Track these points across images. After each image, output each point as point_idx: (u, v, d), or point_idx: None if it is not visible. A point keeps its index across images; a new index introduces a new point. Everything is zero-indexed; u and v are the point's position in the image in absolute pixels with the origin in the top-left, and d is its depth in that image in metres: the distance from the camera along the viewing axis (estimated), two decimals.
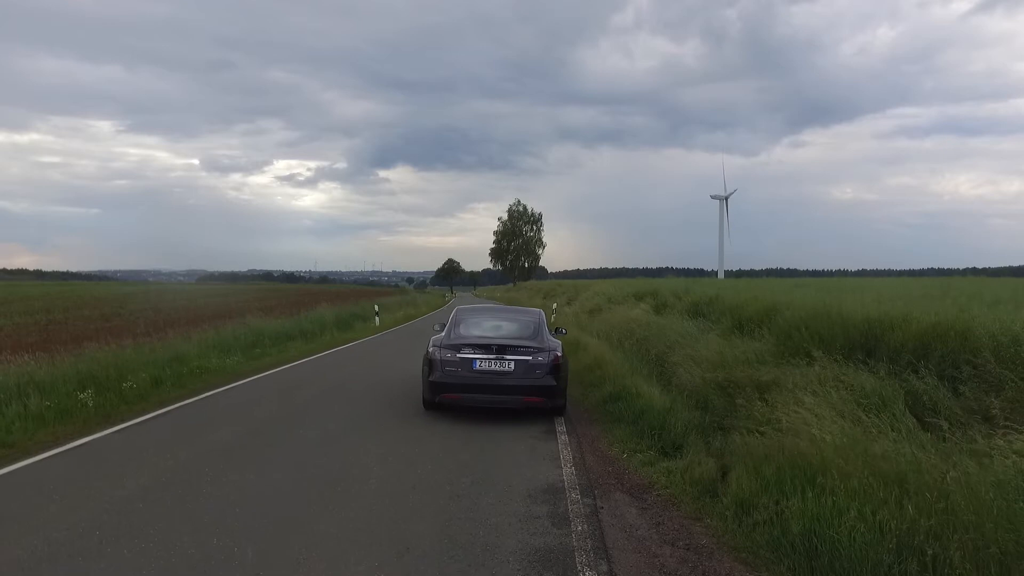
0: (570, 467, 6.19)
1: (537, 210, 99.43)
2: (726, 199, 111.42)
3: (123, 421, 7.93)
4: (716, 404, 9.62)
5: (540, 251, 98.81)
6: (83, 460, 6.35)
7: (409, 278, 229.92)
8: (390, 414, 8.67)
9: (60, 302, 39.50)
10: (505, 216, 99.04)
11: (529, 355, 8.31)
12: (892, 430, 6.68)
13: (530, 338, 8.78)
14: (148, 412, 8.42)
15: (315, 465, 6.18)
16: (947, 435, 7.01)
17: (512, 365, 8.24)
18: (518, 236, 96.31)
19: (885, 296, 15.00)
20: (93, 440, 7.04)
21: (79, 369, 9.56)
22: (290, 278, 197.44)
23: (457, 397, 8.29)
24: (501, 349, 8.32)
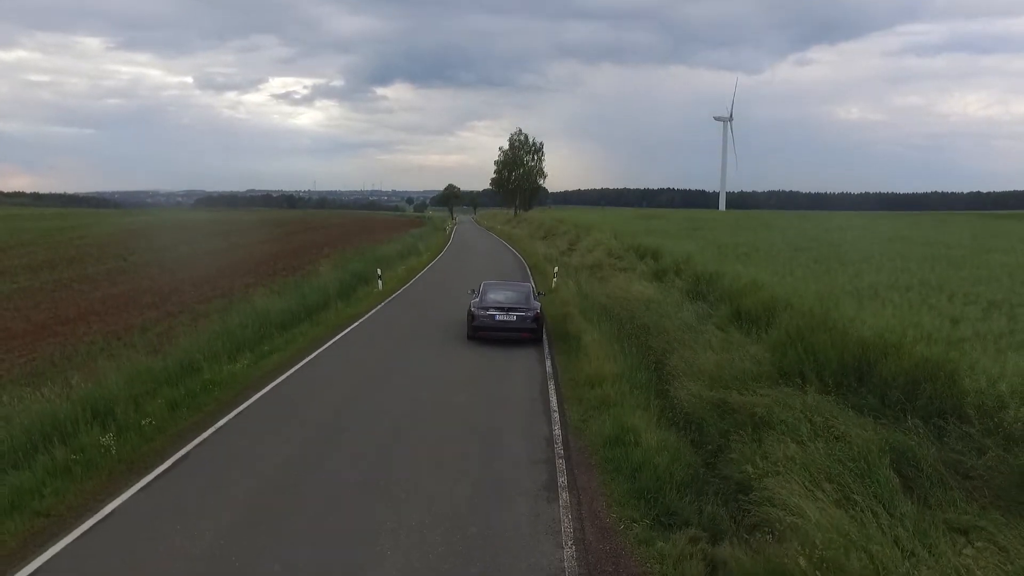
0: (571, 548, 6.61)
1: (538, 139, 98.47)
2: (730, 121, 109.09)
3: (146, 470, 8.32)
4: (711, 431, 10.07)
5: (541, 181, 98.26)
6: (114, 538, 6.73)
7: (409, 198, 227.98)
8: (398, 451, 9.09)
9: (63, 250, 39.70)
10: (506, 145, 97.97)
11: (523, 311, 15.39)
12: (875, 500, 7.14)
13: (524, 302, 15.83)
14: (168, 455, 8.81)
15: (336, 533, 6.59)
16: (928, 496, 7.53)
17: (515, 317, 15.26)
18: (519, 166, 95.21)
19: (883, 283, 15.31)
20: (122, 505, 7.43)
21: (95, 397, 9.93)
22: (289, 200, 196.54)
23: (486, 334, 15.26)
24: (509, 309, 15.35)
